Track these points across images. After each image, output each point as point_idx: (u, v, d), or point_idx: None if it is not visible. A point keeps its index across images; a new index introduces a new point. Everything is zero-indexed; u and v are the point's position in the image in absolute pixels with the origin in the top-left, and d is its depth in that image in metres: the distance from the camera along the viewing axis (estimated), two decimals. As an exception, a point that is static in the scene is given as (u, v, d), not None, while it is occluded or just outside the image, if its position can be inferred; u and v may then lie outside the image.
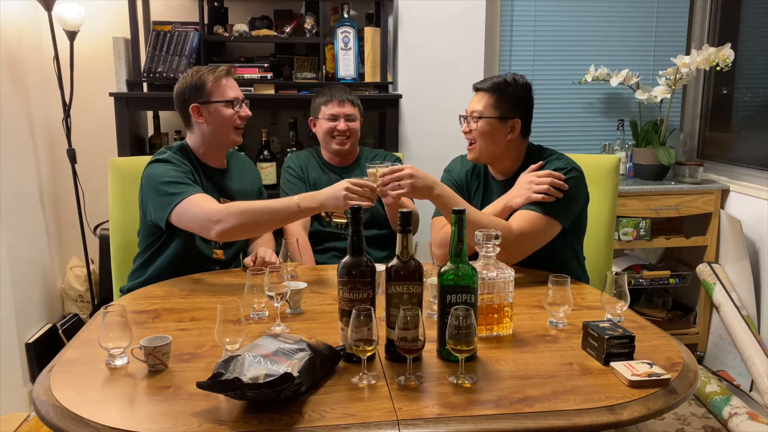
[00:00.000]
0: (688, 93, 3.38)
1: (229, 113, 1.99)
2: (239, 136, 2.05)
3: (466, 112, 1.96)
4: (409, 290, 1.30)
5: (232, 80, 2.04)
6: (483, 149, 1.94)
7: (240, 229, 1.82)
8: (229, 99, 1.99)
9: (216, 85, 1.98)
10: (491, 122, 1.91)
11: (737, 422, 2.44)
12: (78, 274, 2.98)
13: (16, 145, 2.66)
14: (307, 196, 1.84)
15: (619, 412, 1.15)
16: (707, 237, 3.02)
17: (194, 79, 1.98)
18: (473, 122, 1.92)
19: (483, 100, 1.92)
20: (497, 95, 1.91)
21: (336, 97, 2.36)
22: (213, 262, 2.04)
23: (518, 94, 1.93)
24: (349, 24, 2.83)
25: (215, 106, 1.98)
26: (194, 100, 1.98)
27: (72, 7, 2.68)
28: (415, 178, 1.75)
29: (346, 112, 2.35)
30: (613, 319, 1.53)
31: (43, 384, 1.25)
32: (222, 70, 2.00)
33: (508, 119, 1.91)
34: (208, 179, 2.03)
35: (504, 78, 1.93)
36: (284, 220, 1.94)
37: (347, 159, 2.44)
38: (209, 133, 2.01)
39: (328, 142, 2.38)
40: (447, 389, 1.22)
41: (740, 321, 2.71)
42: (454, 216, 1.30)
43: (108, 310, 1.31)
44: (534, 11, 3.20)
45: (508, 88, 1.92)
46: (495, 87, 1.92)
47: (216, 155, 2.07)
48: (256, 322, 1.57)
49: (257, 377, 1.12)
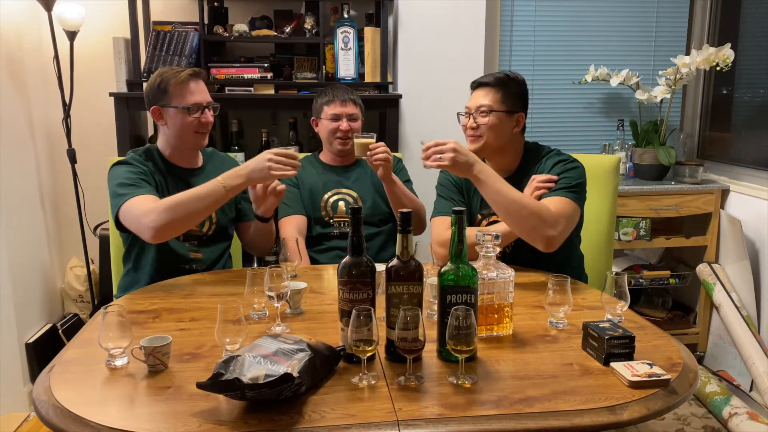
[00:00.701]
0: (688, 93, 3.38)
1: (187, 119, 1.96)
2: (203, 139, 2.02)
3: (469, 108, 1.97)
4: (409, 290, 1.30)
5: (200, 84, 2.00)
6: (490, 142, 1.94)
7: (172, 225, 1.79)
8: (188, 105, 1.95)
9: (178, 89, 1.95)
10: (500, 116, 1.92)
11: (737, 422, 2.44)
12: (78, 274, 2.98)
13: (16, 145, 2.66)
14: (231, 173, 1.82)
15: (619, 413, 1.15)
16: (707, 237, 3.02)
17: (157, 80, 1.96)
18: (481, 116, 1.93)
19: (489, 94, 1.94)
20: (503, 90, 1.93)
21: (338, 97, 2.35)
22: (191, 261, 2.03)
23: (519, 90, 1.96)
24: (349, 24, 2.83)
25: (174, 111, 1.96)
26: (155, 102, 1.97)
27: (72, 7, 2.68)
28: (458, 153, 1.73)
29: (349, 111, 2.35)
30: (614, 320, 1.53)
31: (43, 384, 1.25)
32: (185, 74, 1.96)
33: (514, 113, 1.94)
34: (177, 179, 2.02)
35: (504, 73, 1.97)
36: (215, 204, 1.85)
37: (348, 159, 2.44)
38: (170, 135, 2.00)
39: (331, 141, 2.38)
40: (447, 389, 1.22)
41: (740, 321, 2.71)
42: (454, 216, 1.30)
43: (108, 310, 1.31)
44: (534, 11, 3.20)
45: (510, 83, 1.95)
46: (500, 82, 1.94)
47: (183, 156, 2.06)
48: (256, 322, 1.57)
49: (257, 377, 1.12)
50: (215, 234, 2.10)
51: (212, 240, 2.10)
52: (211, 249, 2.09)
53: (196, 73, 1.99)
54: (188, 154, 2.07)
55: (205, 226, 2.06)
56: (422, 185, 2.86)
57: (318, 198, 2.35)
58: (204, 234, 2.07)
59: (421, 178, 2.93)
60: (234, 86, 2.78)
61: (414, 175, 2.75)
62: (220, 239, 2.12)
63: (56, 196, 3.01)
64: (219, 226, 2.10)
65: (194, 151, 2.09)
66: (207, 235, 2.08)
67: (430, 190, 2.53)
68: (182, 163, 2.06)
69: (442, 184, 2.11)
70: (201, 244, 2.06)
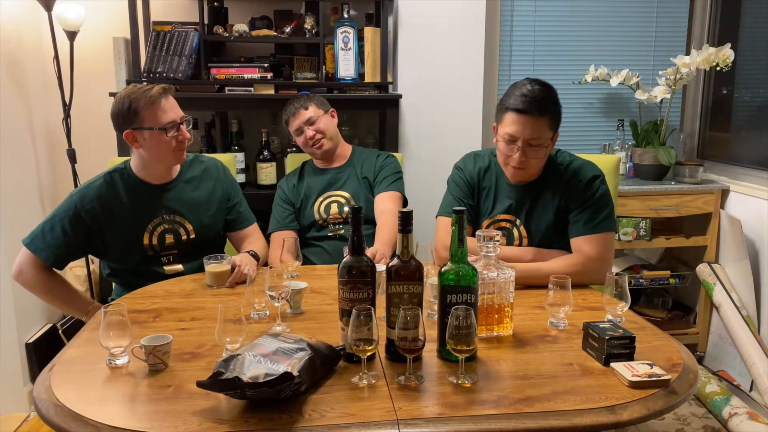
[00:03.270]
0: (688, 93, 3.38)
1: (164, 139, 1.89)
2: (181, 155, 1.97)
3: (513, 137, 1.80)
4: (409, 290, 1.30)
5: (171, 100, 1.91)
6: (533, 170, 1.88)
7: (29, 291, 1.98)
8: (163, 125, 1.88)
9: (149, 110, 1.86)
10: (550, 144, 1.84)
11: (737, 422, 2.44)
12: (78, 274, 2.98)
13: (16, 145, 2.66)
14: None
15: (619, 413, 1.15)
16: (707, 237, 3.02)
17: (125, 103, 1.86)
18: (532, 149, 1.80)
19: (538, 124, 1.77)
20: (548, 116, 1.79)
21: (290, 113, 2.37)
22: (169, 277, 1.99)
23: (559, 108, 1.84)
24: (349, 24, 2.83)
25: (149, 133, 1.88)
26: (127, 125, 1.87)
27: (72, 7, 2.68)
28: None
29: (305, 118, 2.35)
30: (614, 320, 1.53)
31: (44, 383, 1.25)
32: (155, 92, 1.87)
33: (554, 134, 1.85)
34: (144, 197, 1.98)
35: (548, 95, 1.80)
36: (72, 313, 2.08)
37: (339, 160, 2.45)
38: (148, 157, 1.94)
39: (310, 152, 2.42)
40: (447, 389, 1.22)
41: (740, 321, 2.71)
42: (454, 216, 1.30)
43: (108, 310, 1.31)
44: (534, 11, 3.20)
45: (555, 107, 1.82)
46: (547, 109, 1.79)
47: (158, 174, 2.00)
48: (257, 321, 1.57)
49: (257, 376, 1.12)
50: (196, 246, 2.04)
51: (195, 252, 2.03)
52: (191, 264, 2.04)
53: (165, 90, 1.90)
54: (165, 171, 2.01)
55: (182, 237, 2.03)
56: (422, 185, 2.87)
57: (311, 203, 2.38)
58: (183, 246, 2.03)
59: (421, 178, 2.94)
60: (234, 86, 2.78)
61: (414, 175, 2.76)
62: (207, 250, 1.99)
63: (56, 196, 3.01)
64: (200, 237, 2.06)
65: (173, 167, 2.04)
66: (187, 247, 2.04)
67: (431, 190, 2.53)
68: (155, 180, 2.00)
69: (455, 181, 2.04)
70: (178, 257, 2.03)
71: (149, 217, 1.98)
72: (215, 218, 2.11)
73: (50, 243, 1.91)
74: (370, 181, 2.39)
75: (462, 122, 3.02)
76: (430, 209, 2.12)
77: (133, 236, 1.97)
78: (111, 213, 1.95)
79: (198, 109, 2.81)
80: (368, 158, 2.44)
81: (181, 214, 2.02)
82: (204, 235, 2.07)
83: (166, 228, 2.00)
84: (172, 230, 2.01)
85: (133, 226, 1.97)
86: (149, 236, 1.98)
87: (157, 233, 1.99)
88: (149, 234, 1.98)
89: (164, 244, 2.01)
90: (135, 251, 1.98)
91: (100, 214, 1.94)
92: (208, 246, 2.04)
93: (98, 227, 1.94)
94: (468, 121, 3.02)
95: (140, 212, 1.97)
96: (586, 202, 1.86)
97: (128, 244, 1.97)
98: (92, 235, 1.95)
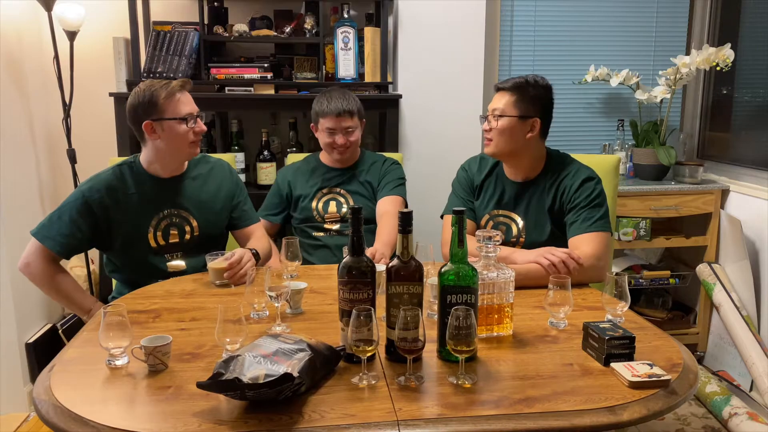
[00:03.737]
0: (688, 93, 3.38)
1: (183, 130, 1.94)
2: (195, 148, 2.01)
3: (488, 111, 1.99)
4: (409, 290, 1.30)
5: (187, 95, 1.98)
6: (500, 146, 1.96)
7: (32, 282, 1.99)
8: (183, 116, 1.93)
9: (169, 101, 1.92)
10: (511, 120, 1.93)
11: (737, 422, 2.44)
12: (78, 274, 2.98)
13: (16, 145, 2.65)
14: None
15: (619, 413, 1.15)
16: (707, 237, 3.02)
17: (146, 95, 1.92)
18: (494, 120, 1.95)
19: (504, 98, 1.95)
20: (518, 94, 1.94)
21: (332, 110, 2.28)
22: (172, 275, 2.00)
23: (538, 94, 1.96)
24: (349, 24, 2.83)
25: (169, 123, 1.92)
26: (147, 117, 1.92)
27: (72, 7, 2.68)
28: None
29: (344, 125, 2.30)
30: (614, 320, 1.53)
31: (44, 383, 1.25)
32: (175, 85, 1.94)
33: (527, 118, 1.94)
34: (152, 190, 2.00)
35: (525, 78, 1.96)
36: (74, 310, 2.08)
37: (348, 161, 2.44)
38: (164, 148, 1.96)
39: (329, 151, 2.40)
40: (447, 389, 1.22)
41: (740, 321, 2.71)
42: (454, 216, 1.30)
43: (108, 311, 1.31)
44: (534, 11, 3.20)
45: (528, 87, 1.95)
46: (516, 86, 1.95)
47: (170, 167, 2.03)
48: (257, 322, 1.57)
49: (257, 377, 1.12)
50: (200, 243, 2.06)
51: (197, 249, 2.04)
52: (195, 260, 2.04)
53: (184, 84, 1.97)
54: (176, 165, 2.04)
55: (186, 233, 2.04)
56: (422, 185, 2.86)
57: (309, 198, 2.38)
58: (186, 242, 2.05)
59: (421, 178, 2.94)
60: (234, 86, 2.78)
61: (414, 175, 2.76)
62: (210, 248, 2.01)
63: (56, 196, 3.00)
64: (204, 234, 2.07)
65: (185, 161, 2.07)
66: (190, 244, 2.05)
67: (431, 189, 2.53)
68: (165, 174, 2.03)
69: (459, 181, 2.14)
70: (184, 254, 2.05)
71: (155, 210, 2.00)
72: (219, 216, 2.13)
73: (58, 232, 1.92)
74: (373, 185, 2.39)
75: (462, 122, 3.02)
76: (430, 209, 2.13)
77: (138, 229, 1.99)
78: (118, 203, 1.97)
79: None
80: (375, 163, 2.45)
81: (186, 209, 2.04)
82: (207, 232, 2.09)
83: (171, 222, 2.02)
84: (176, 225, 2.03)
85: (138, 218, 1.99)
86: (154, 230, 2.00)
87: (161, 227, 2.01)
88: (154, 228, 2.00)
89: (168, 240, 2.02)
90: (139, 245, 1.99)
91: (107, 204, 1.96)
92: (211, 244, 2.06)
93: (105, 217, 1.96)
94: (468, 121, 3.02)
95: (147, 205, 1.99)
96: (582, 202, 1.92)
97: (133, 236, 1.99)
98: (99, 224, 1.96)
